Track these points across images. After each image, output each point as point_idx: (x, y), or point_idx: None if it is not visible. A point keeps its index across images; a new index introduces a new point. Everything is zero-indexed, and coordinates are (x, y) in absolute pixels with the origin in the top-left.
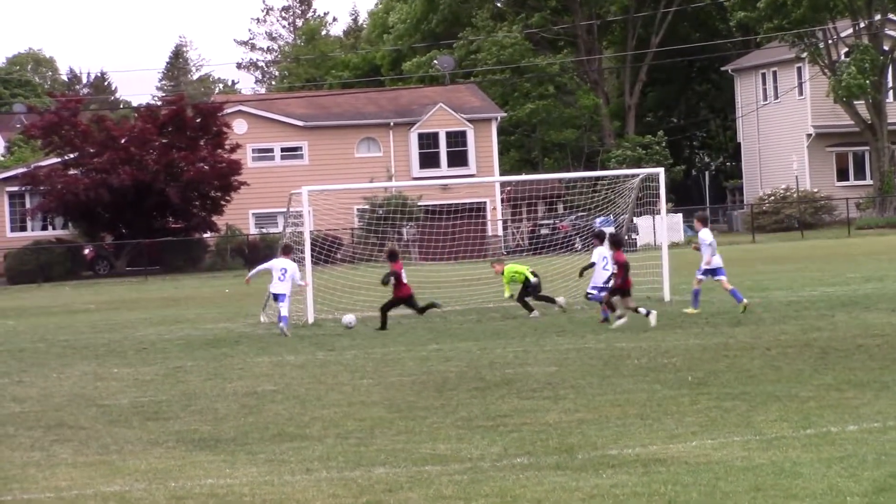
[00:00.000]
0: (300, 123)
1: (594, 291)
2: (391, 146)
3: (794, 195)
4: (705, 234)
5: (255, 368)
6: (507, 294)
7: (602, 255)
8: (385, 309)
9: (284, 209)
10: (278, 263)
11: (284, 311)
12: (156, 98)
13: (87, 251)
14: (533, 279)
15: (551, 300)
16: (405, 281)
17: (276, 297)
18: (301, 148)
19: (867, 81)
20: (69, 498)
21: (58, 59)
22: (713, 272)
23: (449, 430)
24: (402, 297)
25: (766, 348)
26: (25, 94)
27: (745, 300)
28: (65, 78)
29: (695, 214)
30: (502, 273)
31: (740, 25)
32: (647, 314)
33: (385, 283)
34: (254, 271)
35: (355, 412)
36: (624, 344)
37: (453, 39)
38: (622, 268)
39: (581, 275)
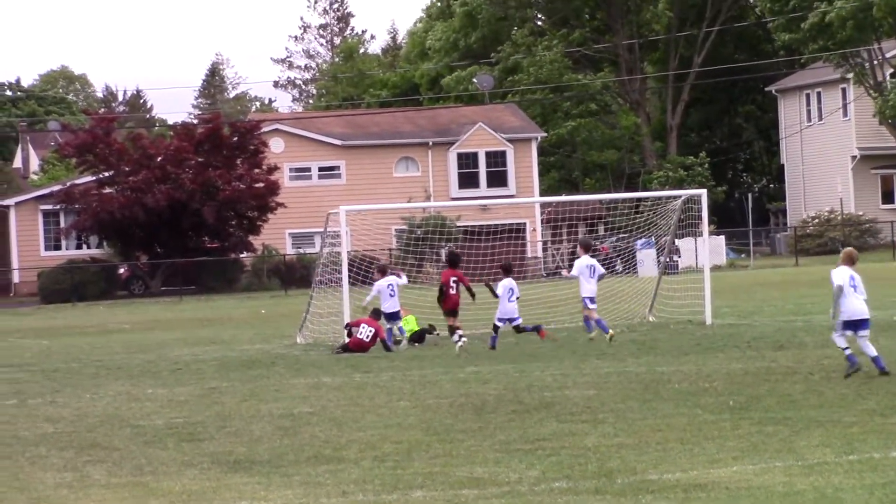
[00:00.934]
0: (338, 142)
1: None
2: (430, 166)
3: (839, 218)
4: (583, 261)
5: (291, 390)
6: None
7: (508, 287)
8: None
9: (322, 229)
10: (383, 283)
11: (397, 327)
12: (192, 116)
13: (121, 270)
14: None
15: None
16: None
17: (389, 317)
18: (339, 167)
19: None
20: None
21: (91, 76)
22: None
23: (487, 453)
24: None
25: (809, 373)
26: (60, 112)
27: (611, 331)
28: (100, 95)
29: (578, 239)
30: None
31: (784, 46)
32: (458, 341)
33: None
34: (368, 299)
35: (392, 435)
36: (664, 368)
37: (492, 58)
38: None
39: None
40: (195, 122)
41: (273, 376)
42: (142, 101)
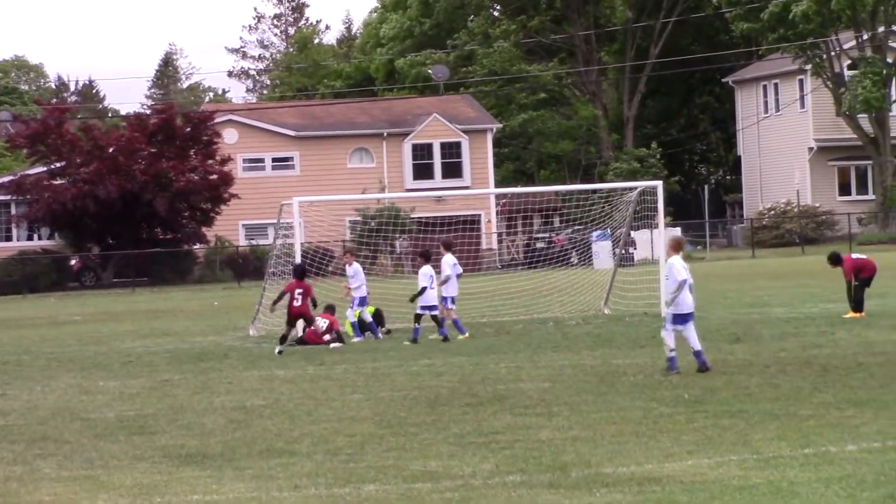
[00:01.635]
0: (292, 133)
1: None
2: (384, 157)
3: (795, 210)
4: (449, 260)
5: (243, 383)
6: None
7: (429, 274)
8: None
9: (275, 220)
10: (428, 270)
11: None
12: (145, 107)
13: (73, 262)
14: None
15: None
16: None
17: (430, 308)
18: (292, 158)
19: (880, 93)
20: None
21: (46, 65)
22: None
23: (440, 446)
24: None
25: (765, 365)
26: (12, 102)
27: (467, 333)
28: (52, 85)
29: (440, 239)
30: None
31: (742, 36)
32: (280, 352)
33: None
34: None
35: (345, 428)
36: (620, 361)
37: (448, 47)
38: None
39: (412, 300)
40: (148, 112)
41: (226, 369)
42: (94, 91)
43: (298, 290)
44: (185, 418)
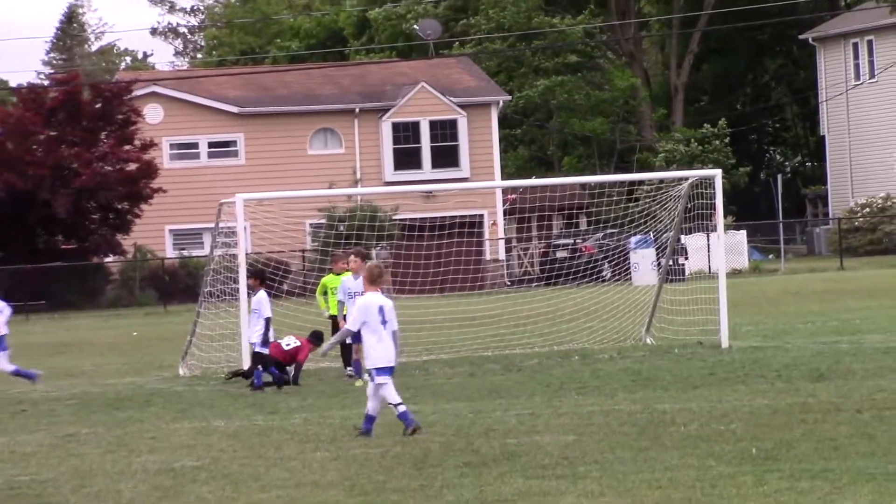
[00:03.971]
0: (234, 110)
1: (264, 350)
2: (356, 140)
3: None
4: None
5: (171, 437)
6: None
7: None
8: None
9: (212, 224)
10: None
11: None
12: (41, 76)
13: None
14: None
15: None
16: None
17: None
18: (235, 142)
19: None
20: None
21: None
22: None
23: None
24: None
25: (857, 410)
26: None
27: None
28: None
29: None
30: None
31: None
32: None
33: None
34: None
35: (305, 497)
36: (667, 406)
37: None
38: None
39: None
40: (45, 84)
41: (148, 419)
42: None
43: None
44: (94, 485)
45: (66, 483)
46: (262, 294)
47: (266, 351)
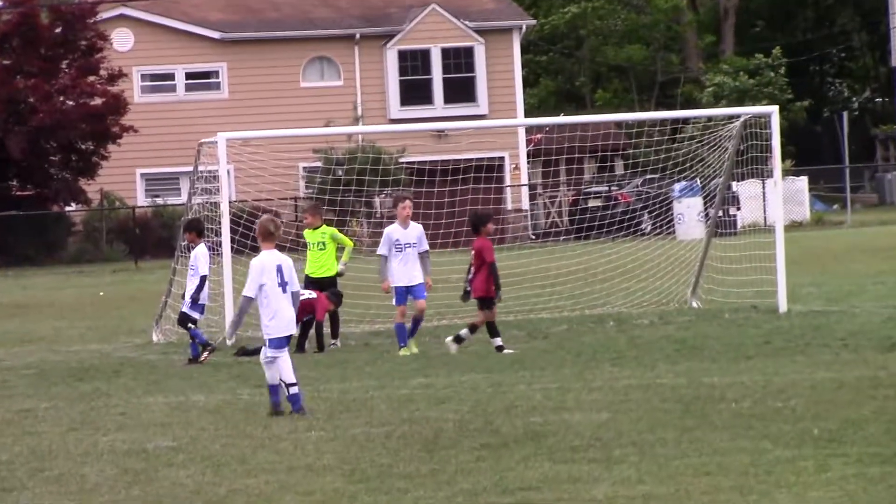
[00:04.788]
0: (215, 35)
1: (193, 313)
2: (356, 70)
3: None
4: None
5: (143, 414)
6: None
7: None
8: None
9: (190, 168)
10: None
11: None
12: None
13: None
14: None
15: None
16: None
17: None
18: (217, 73)
19: None
20: None
21: None
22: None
23: None
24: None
25: None
26: None
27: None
28: None
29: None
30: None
31: None
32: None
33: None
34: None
35: (298, 483)
36: (715, 379)
37: None
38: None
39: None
40: None
41: (116, 392)
42: None
43: None
44: (54, 467)
45: (21, 465)
46: (200, 249)
47: (196, 314)
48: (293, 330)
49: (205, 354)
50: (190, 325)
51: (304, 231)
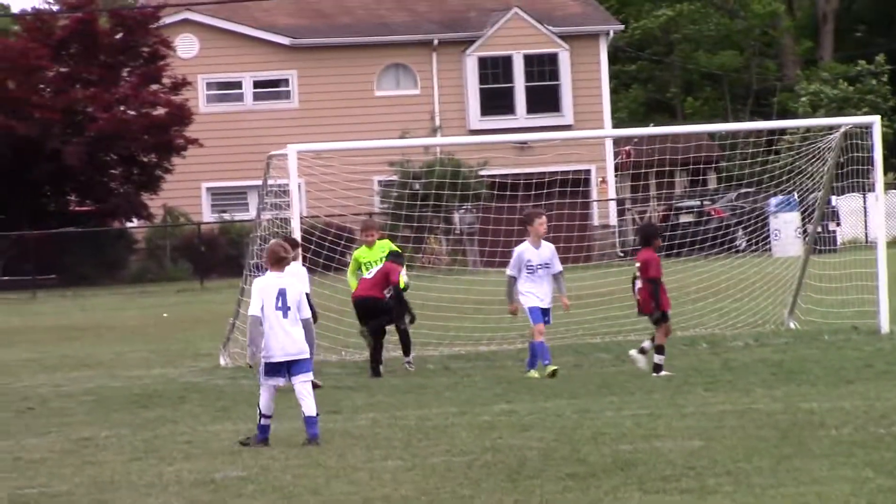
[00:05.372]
0: (285, 41)
1: None
2: (434, 79)
3: None
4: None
5: (211, 442)
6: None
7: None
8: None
9: (259, 182)
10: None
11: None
12: (49, 1)
13: None
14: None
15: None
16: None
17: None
18: (287, 81)
19: None
20: None
21: None
22: None
23: None
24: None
25: None
26: None
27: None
28: None
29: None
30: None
31: None
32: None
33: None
34: None
35: None
36: (814, 404)
37: None
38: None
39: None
40: (54, 9)
41: (182, 419)
42: None
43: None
44: (118, 499)
45: (83, 497)
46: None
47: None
48: (292, 356)
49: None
50: None
51: (358, 250)
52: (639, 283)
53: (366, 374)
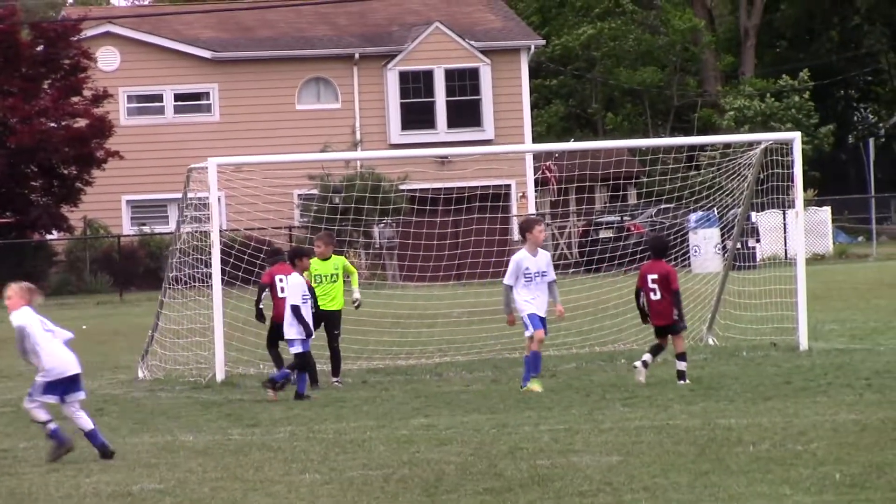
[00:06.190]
0: (206, 54)
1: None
2: (355, 92)
3: None
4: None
5: (129, 455)
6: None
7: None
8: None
9: (179, 195)
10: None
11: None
12: None
13: None
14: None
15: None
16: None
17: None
18: (208, 94)
19: None
20: None
21: None
22: None
23: None
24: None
25: None
26: None
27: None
28: None
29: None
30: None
31: None
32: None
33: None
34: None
35: None
36: (732, 420)
37: None
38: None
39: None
40: None
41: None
42: None
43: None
44: None
45: None
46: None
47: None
48: (65, 374)
49: (270, 393)
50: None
51: (312, 260)
52: (653, 295)
53: (287, 388)
